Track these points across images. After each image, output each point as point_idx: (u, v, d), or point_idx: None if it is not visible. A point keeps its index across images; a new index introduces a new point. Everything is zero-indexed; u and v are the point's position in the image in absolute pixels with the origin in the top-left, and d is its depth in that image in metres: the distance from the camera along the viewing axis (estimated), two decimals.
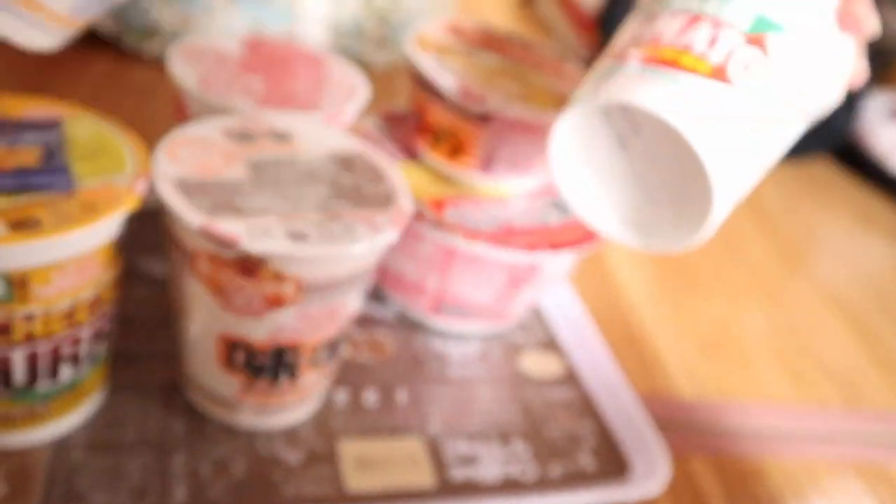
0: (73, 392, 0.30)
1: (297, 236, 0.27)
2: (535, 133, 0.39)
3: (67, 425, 0.31)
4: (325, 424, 0.35)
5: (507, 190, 0.42)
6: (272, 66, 0.40)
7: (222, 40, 0.41)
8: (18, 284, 0.25)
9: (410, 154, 0.43)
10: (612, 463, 0.38)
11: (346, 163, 0.32)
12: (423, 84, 0.39)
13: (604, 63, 0.31)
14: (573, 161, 0.32)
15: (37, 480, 0.29)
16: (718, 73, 0.28)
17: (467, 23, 0.45)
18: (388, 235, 0.29)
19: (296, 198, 0.29)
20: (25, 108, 0.29)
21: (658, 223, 0.33)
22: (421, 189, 0.40)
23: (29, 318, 0.26)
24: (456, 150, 0.40)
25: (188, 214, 0.27)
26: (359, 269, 0.29)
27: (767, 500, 0.40)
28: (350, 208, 0.29)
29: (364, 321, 0.42)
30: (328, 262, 0.28)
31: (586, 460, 0.38)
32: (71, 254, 0.25)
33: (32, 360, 0.27)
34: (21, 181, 0.26)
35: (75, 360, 0.29)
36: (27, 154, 0.27)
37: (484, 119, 0.38)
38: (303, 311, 0.29)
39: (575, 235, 0.40)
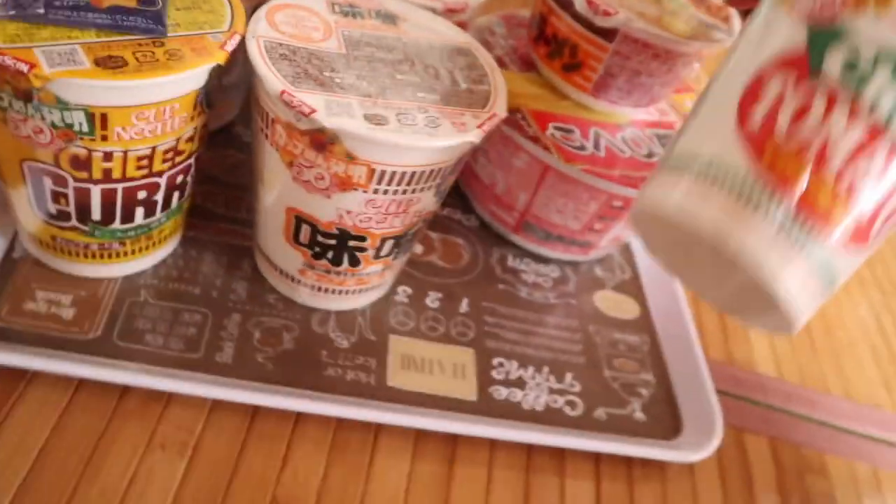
0: (147, 236, 0.31)
1: (376, 120, 0.26)
2: (661, 59, 0.35)
3: (138, 267, 0.32)
4: (382, 317, 0.35)
5: (619, 115, 0.39)
6: None
7: None
8: (99, 121, 0.25)
9: (526, 63, 0.40)
10: (665, 421, 0.36)
11: (451, 56, 0.31)
12: None
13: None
14: (658, 224, 0.25)
15: (101, 312, 0.31)
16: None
17: None
18: (471, 136, 0.27)
19: (387, 81, 0.28)
20: None
21: (746, 302, 0.26)
22: (529, 100, 0.38)
23: (107, 156, 0.26)
24: (573, 64, 0.37)
25: (271, 78, 0.26)
26: (437, 167, 0.28)
27: (819, 497, 0.37)
28: (440, 102, 0.28)
29: (445, 224, 0.41)
30: (404, 153, 0.27)
31: (638, 412, 0.36)
32: (153, 99, 0.25)
33: (109, 199, 0.28)
34: (115, 20, 0.25)
35: (150, 205, 0.29)
36: None
37: (608, 35, 0.35)
38: (372, 200, 0.28)
39: None
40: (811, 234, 0.22)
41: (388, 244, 0.31)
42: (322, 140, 0.26)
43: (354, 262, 0.31)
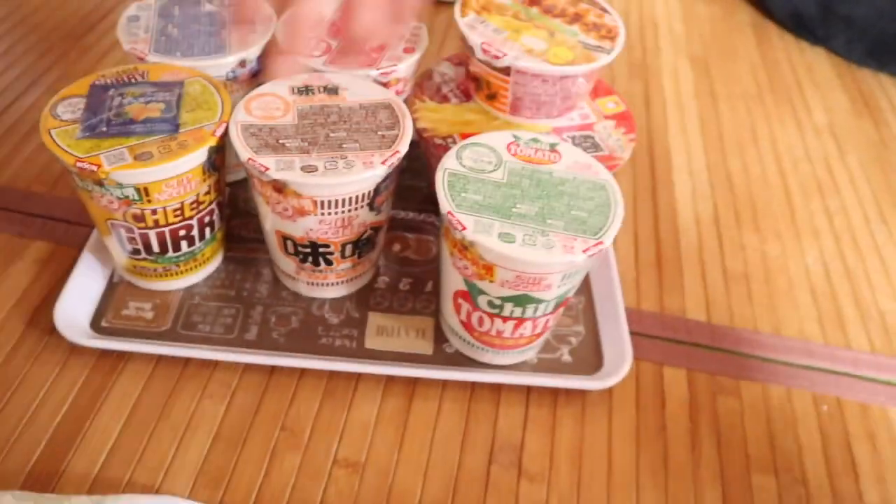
0: (194, 260, 0.46)
1: (309, 169, 0.39)
2: (549, 83, 0.46)
3: (192, 280, 0.47)
4: (363, 300, 0.48)
5: (540, 126, 0.50)
6: None
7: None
8: (143, 192, 0.40)
9: (466, 95, 0.52)
10: (589, 361, 0.47)
11: (374, 112, 0.43)
12: (464, 40, 0.48)
13: None
14: None
15: (170, 312, 0.46)
16: None
17: None
18: (377, 172, 0.40)
19: (322, 139, 0.41)
20: (163, 72, 0.44)
21: None
22: (463, 126, 0.49)
23: (154, 212, 0.42)
24: (491, 94, 0.49)
25: (241, 150, 0.40)
26: (361, 192, 0.41)
27: (727, 414, 0.46)
28: (358, 149, 0.41)
29: (420, 227, 0.53)
30: (333, 187, 0.40)
31: (566, 355, 0.47)
32: (173, 174, 0.40)
33: (161, 238, 0.43)
34: (147, 127, 0.40)
35: (190, 239, 0.44)
36: (154, 108, 0.42)
37: (506, 71, 0.46)
38: (322, 220, 0.41)
39: None
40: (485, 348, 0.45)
41: (349, 247, 0.44)
42: (279, 186, 0.40)
43: (328, 262, 0.45)
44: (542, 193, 0.39)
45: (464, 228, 0.37)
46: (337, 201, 0.41)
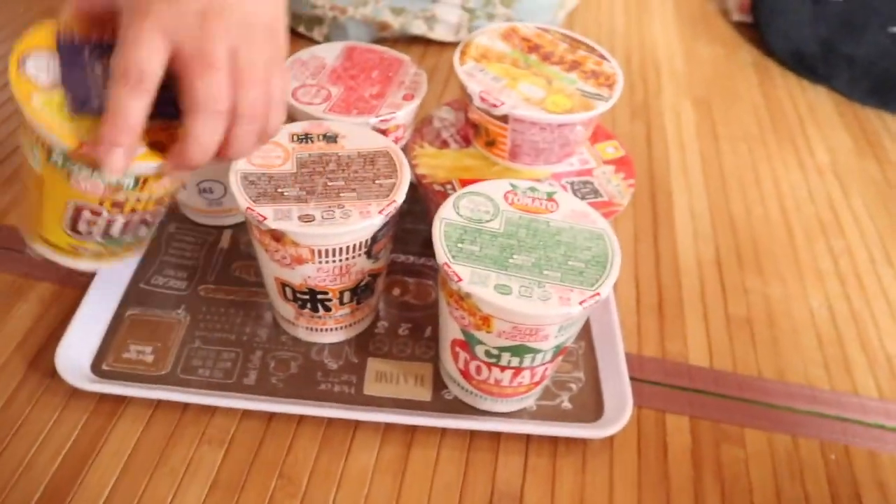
0: (138, 243, 0.44)
1: (307, 219, 0.40)
2: (547, 130, 0.46)
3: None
4: (363, 345, 0.48)
5: (539, 172, 0.50)
6: (356, 73, 0.51)
7: (326, 50, 0.53)
8: (142, 182, 0.38)
9: (466, 140, 0.52)
10: (589, 408, 0.46)
11: (373, 160, 0.44)
12: (462, 87, 0.49)
13: None
14: None
15: (170, 355, 0.46)
16: None
17: (527, 28, 0.52)
18: (374, 221, 0.40)
19: (320, 188, 0.42)
20: None
21: None
22: (463, 172, 0.50)
23: (138, 199, 0.39)
24: (490, 141, 0.49)
25: (240, 199, 0.40)
26: (358, 241, 0.41)
27: (732, 463, 0.45)
28: (355, 198, 0.41)
29: (419, 271, 0.54)
30: (329, 237, 0.40)
31: (566, 402, 0.46)
32: None
33: (127, 224, 0.41)
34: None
35: (149, 224, 0.43)
36: None
37: (504, 119, 0.46)
38: (320, 268, 0.42)
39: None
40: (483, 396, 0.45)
41: (347, 294, 0.44)
42: (277, 235, 0.40)
43: (327, 308, 0.45)
44: (539, 244, 0.39)
45: (460, 280, 0.37)
46: (334, 250, 0.41)
